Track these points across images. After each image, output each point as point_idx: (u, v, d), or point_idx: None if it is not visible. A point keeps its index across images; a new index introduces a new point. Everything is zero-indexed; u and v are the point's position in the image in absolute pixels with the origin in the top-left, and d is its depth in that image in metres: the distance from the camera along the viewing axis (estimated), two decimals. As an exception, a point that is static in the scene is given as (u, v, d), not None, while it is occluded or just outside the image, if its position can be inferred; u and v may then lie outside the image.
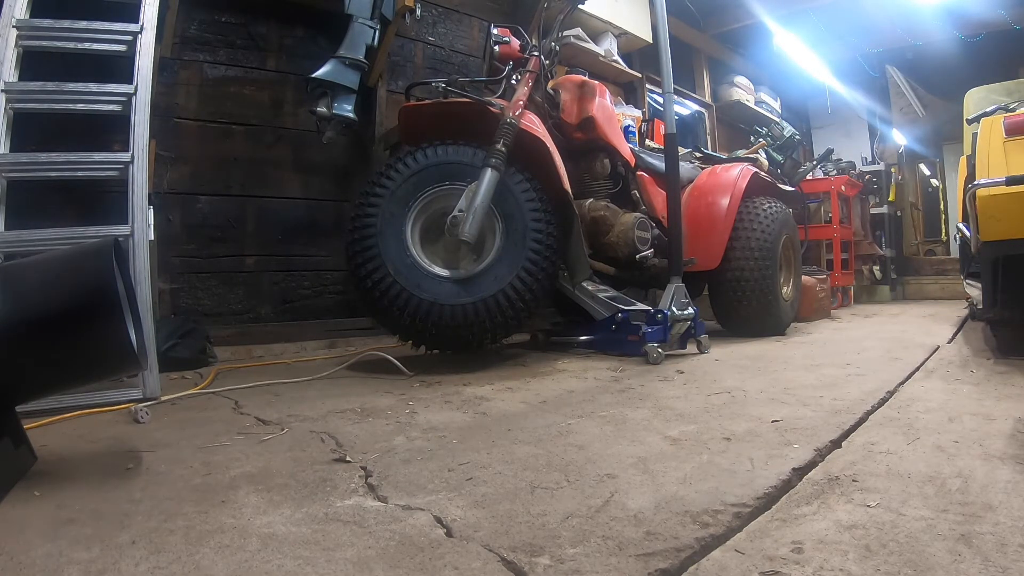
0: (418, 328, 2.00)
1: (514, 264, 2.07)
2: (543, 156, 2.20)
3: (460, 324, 1.98)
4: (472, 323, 1.99)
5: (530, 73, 2.34)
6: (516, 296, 2.04)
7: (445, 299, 1.97)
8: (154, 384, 1.57)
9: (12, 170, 1.59)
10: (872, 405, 1.46)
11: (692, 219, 2.75)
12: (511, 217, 2.08)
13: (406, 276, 1.97)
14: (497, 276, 2.05)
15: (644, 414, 1.41)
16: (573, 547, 0.75)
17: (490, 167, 2.00)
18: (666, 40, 2.48)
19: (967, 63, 5.45)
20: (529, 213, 2.11)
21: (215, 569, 0.71)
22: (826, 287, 4.12)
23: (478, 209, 1.97)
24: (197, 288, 2.43)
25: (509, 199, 2.08)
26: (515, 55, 2.40)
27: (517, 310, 2.05)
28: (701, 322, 2.40)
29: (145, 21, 1.72)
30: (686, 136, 4.96)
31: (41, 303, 1.00)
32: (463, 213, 1.97)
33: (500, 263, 2.07)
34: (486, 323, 2.02)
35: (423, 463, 1.08)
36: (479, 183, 1.99)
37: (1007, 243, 2.06)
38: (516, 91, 2.25)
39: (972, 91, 3.58)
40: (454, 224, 1.98)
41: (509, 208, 2.08)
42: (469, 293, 2.00)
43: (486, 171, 2.00)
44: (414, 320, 1.96)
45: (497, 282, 2.03)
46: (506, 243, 2.08)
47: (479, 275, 2.05)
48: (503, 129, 2.07)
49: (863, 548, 0.75)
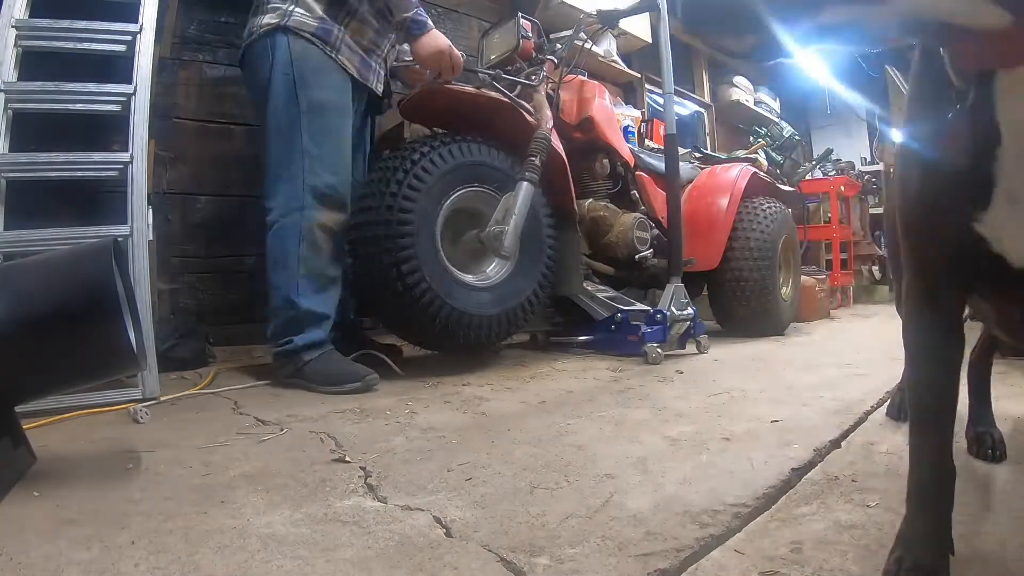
0: (446, 337, 1.94)
1: (532, 275, 2.09)
2: (555, 172, 2.21)
3: (486, 334, 1.99)
4: (495, 333, 2.01)
5: (547, 79, 2.34)
6: (530, 307, 2.08)
7: (475, 309, 1.94)
8: (153, 384, 1.57)
9: (11, 170, 1.59)
10: (872, 405, 1.46)
11: (691, 219, 2.75)
12: (530, 229, 2.07)
13: (439, 282, 1.87)
14: (518, 287, 2.06)
15: (643, 414, 1.41)
16: (572, 547, 0.75)
17: (526, 180, 1.99)
18: (667, 40, 2.48)
19: (966, 63, 5.45)
20: (546, 229, 2.13)
21: (215, 569, 0.71)
22: (825, 287, 4.12)
23: (517, 224, 1.95)
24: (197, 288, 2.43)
25: (531, 212, 2.06)
26: (530, 53, 2.40)
27: (529, 318, 2.09)
28: (700, 322, 2.40)
29: (144, 21, 1.72)
30: (685, 136, 4.96)
31: (40, 303, 1.00)
32: (499, 226, 1.94)
33: (519, 274, 2.08)
34: (504, 332, 2.05)
35: (422, 463, 1.08)
36: (515, 196, 1.96)
37: (1007, 243, 2.05)
38: (538, 99, 2.22)
39: (971, 91, 3.57)
40: (494, 238, 1.94)
41: (530, 220, 2.06)
42: (494, 304, 1.99)
43: (522, 184, 1.98)
44: (444, 329, 1.89)
45: (519, 293, 2.05)
46: (524, 254, 2.08)
47: (501, 285, 2.04)
48: (539, 143, 2.06)
49: (863, 548, 0.75)
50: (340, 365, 1.74)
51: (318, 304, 1.77)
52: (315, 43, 1.81)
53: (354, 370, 1.71)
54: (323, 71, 1.82)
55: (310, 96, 1.79)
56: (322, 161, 1.79)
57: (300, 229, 1.75)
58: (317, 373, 1.70)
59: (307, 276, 1.76)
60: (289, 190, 1.78)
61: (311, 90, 1.79)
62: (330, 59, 1.83)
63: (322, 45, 1.82)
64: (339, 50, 1.85)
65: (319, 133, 1.79)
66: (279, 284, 1.77)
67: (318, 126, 1.79)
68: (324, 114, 1.81)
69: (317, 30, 1.81)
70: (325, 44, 1.82)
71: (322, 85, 1.82)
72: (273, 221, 1.79)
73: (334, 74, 1.85)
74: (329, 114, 1.82)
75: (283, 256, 1.76)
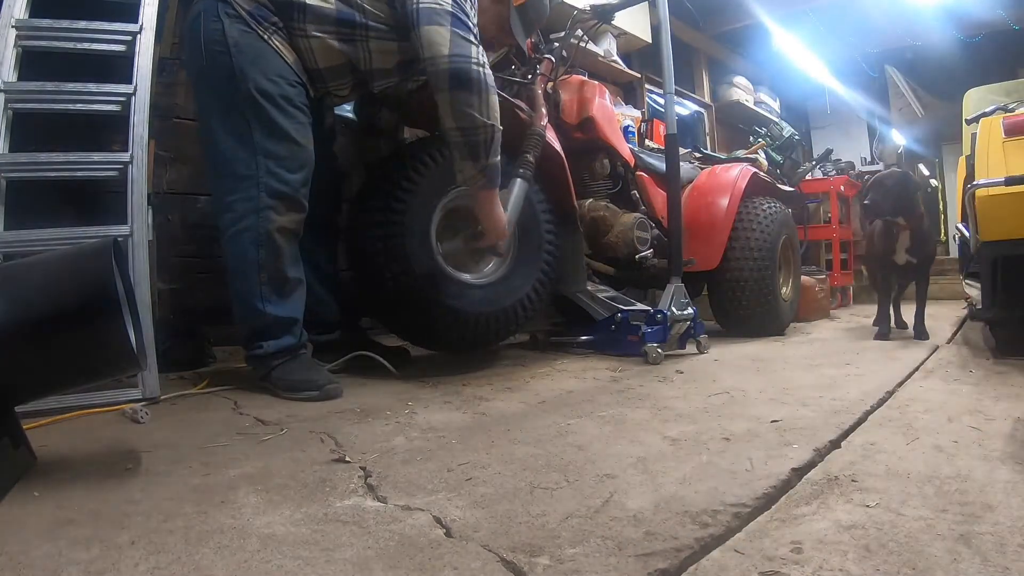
0: (439, 335, 1.96)
1: (529, 274, 2.08)
2: (554, 169, 2.20)
3: (481, 333, 1.98)
4: (490, 331, 2.00)
5: (542, 76, 2.33)
6: (529, 305, 2.06)
7: (469, 307, 1.93)
8: (153, 384, 1.57)
9: (11, 170, 1.59)
10: (871, 405, 1.47)
11: (691, 219, 2.75)
12: (527, 227, 2.07)
13: (431, 280, 1.88)
14: (514, 286, 2.05)
15: (643, 414, 1.41)
16: (572, 547, 0.75)
17: (520, 177, 1.98)
18: (668, 41, 2.48)
19: (966, 63, 5.45)
20: (544, 225, 2.12)
21: (215, 569, 0.71)
22: (825, 287, 4.12)
23: (510, 220, 1.92)
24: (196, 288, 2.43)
25: (527, 209, 2.06)
26: (528, 53, 2.40)
27: (528, 317, 2.08)
28: (700, 322, 2.40)
29: (144, 21, 1.72)
30: (685, 136, 4.96)
31: (40, 303, 1.00)
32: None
33: (516, 273, 2.07)
34: (501, 331, 2.04)
35: (422, 463, 1.08)
36: (509, 193, 1.94)
37: (1006, 243, 2.06)
38: (532, 95, 2.23)
39: (971, 91, 3.58)
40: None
41: (526, 218, 2.06)
42: (490, 302, 1.98)
43: (516, 181, 1.96)
44: (437, 326, 1.92)
45: (515, 292, 2.04)
46: (521, 253, 2.07)
47: (497, 284, 2.03)
48: (532, 139, 2.05)
49: (862, 548, 0.75)
50: (302, 372, 1.67)
51: (285, 310, 1.70)
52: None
53: (314, 378, 1.65)
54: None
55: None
56: (278, 157, 1.65)
57: (258, 235, 1.63)
58: (280, 379, 1.66)
59: (270, 283, 1.66)
60: (243, 190, 1.65)
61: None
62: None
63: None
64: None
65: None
66: (242, 293, 1.68)
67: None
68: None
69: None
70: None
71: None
72: (226, 227, 1.67)
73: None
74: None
75: (243, 264, 1.66)
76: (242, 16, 1.64)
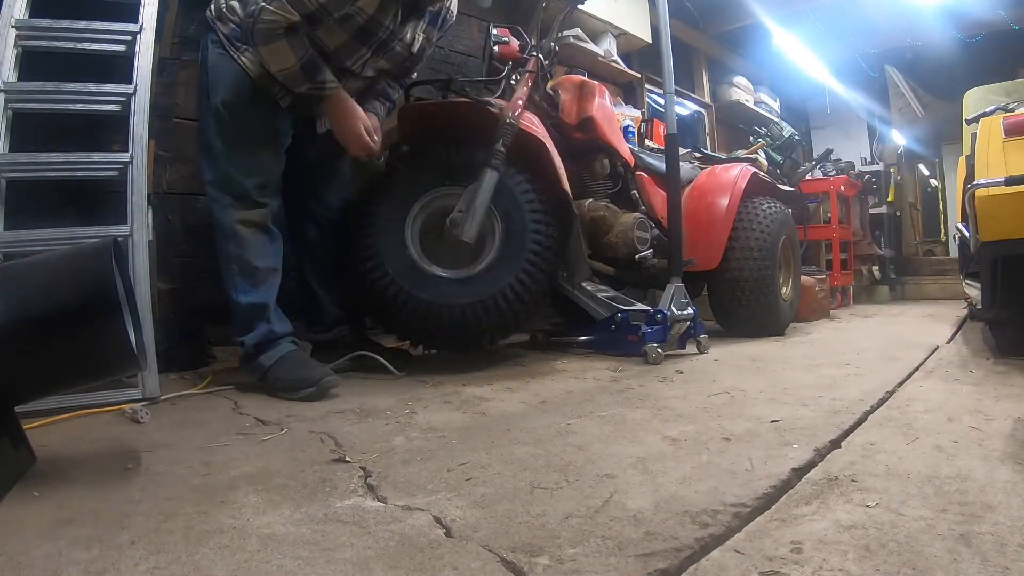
0: (415, 328, 2.02)
1: (513, 266, 2.05)
2: (542, 156, 2.19)
3: (457, 324, 1.98)
4: (469, 324, 1.99)
5: (529, 73, 2.33)
6: (515, 297, 2.01)
7: (443, 300, 1.96)
8: (153, 384, 1.57)
9: (11, 170, 1.59)
10: (871, 405, 1.46)
11: (691, 219, 2.75)
12: (510, 218, 2.07)
13: (405, 276, 1.97)
14: (496, 277, 2.03)
15: (643, 414, 1.41)
16: (573, 547, 0.75)
17: (490, 167, 1.99)
18: (668, 41, 2.48)
19: (966, 63, 5.45)
20: (529, 214, 2.10)
21: (215, 569, 0.71)
22: (825, 287, 4.12)
23: (478, 210, 1.94)
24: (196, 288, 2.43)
25: (508, 200, 2.06)
26: (514, 55, 2.39)
27: (516, 311, 2.03)
28: (700, 322, 2.40)
29: (144, 21, 1.72)
30: (685, 136, 4.96)
31: (41, 303, 1.00)
32: (462, 214, 1.96)
33: (499, 264, 2.05)
34: (483, 324, 2.01)
35: (422, 463, 1.08)
36: (479, 183, 1.97)
37: (1006, 243, 2.06)
38: (515, 91, 2.25)
39: (971, 91, 3.58)
40: (454, 225, 1.96)
41: (508, 209, 2.06)
42: (467, 294, 1.99)
43: (485, 171, 1.98)
44: (411, 320, 1.97)
45: (495, 283, 2.02)
46: (505, 244, 2.07)
47: (477, 276, 2.03)
48: (502, 129, 2.06)
49: (862, 548, 0.75)
50: (297, 371, 1.70)
51: (256, 297, 1.77)
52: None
53: (309, 375, 1.67)
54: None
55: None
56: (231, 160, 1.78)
57: (224, 227, 1.77)
58: (277, 380, 1.69)
59: (240, 273, 1.77)
60: (212, 192, 1.80)
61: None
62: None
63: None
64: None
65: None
66: (226, 288, 1.80)
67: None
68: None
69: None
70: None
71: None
72: (213, 228, 1.82)
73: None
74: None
75: (222, 261, 1.79)
76: (220, 40, 1.79)
